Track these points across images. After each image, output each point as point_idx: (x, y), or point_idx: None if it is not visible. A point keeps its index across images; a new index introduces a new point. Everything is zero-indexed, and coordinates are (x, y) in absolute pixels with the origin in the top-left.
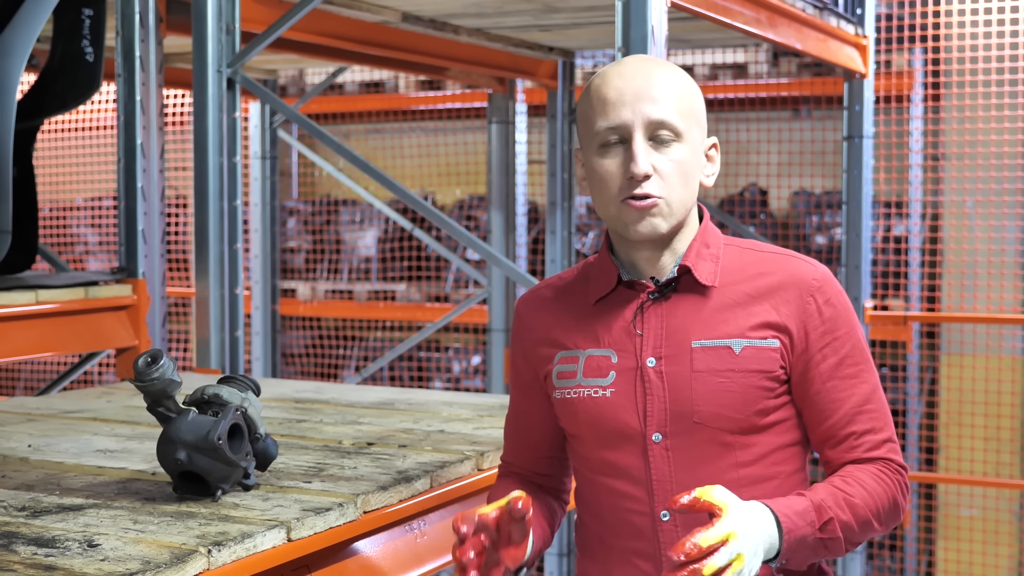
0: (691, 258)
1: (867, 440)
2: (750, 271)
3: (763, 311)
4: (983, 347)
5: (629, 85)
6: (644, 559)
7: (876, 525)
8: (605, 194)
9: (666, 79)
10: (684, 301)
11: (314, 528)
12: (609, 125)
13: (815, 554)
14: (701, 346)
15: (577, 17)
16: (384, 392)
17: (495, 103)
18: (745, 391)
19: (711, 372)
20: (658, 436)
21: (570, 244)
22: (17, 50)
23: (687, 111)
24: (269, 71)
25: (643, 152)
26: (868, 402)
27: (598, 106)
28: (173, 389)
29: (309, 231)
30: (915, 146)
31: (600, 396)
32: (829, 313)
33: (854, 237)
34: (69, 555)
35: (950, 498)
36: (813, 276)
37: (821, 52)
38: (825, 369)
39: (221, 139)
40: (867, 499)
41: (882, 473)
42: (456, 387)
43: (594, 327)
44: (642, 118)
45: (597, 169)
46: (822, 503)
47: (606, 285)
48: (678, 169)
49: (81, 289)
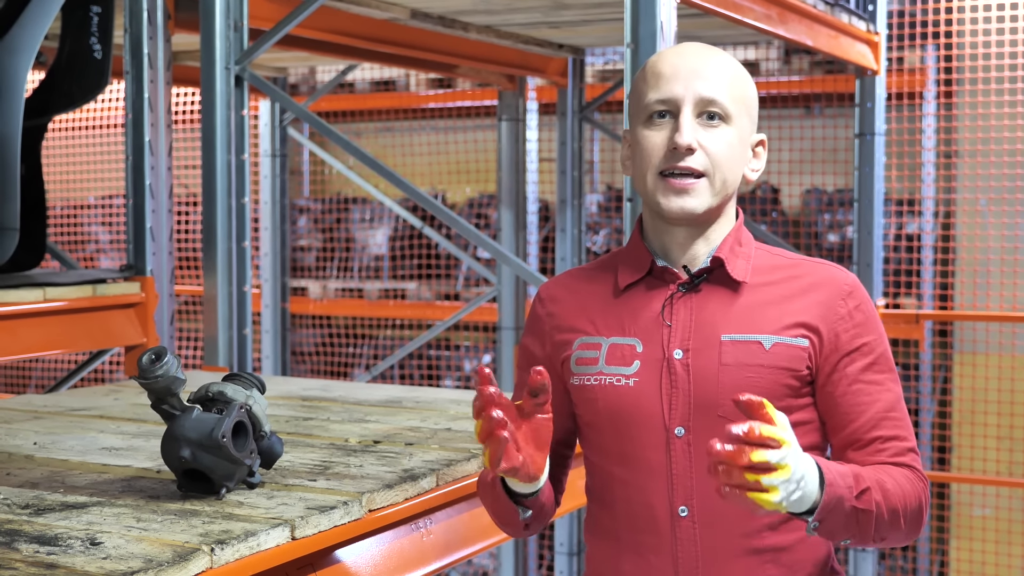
0: (725, 251)
1: (892, 446)
2: (781, 273)
3: (795, 311)
4: (996, 346)
5: (684, 62)
6: (657, 553)
7: (902, 523)
8: (645, 166)
9: (722, 62)
10: (715, 294)
11: (318, 527)
12: (660, 97)
13: (847, 527)
14: (731, 340)
15: (587, 14)
16: (392, 390)
17: (505, 101)
18: (772, 388)
19: (739, 366)
20: (680, 430)
21: (580, 242)
22: (24, 47)
23: (739, 97)
24: (279, 69)
25: (690, 125)
26: (893, 409)
27: (651, 79)
28: (177, 386)
29: (320, 229)
30: (928, 143)
31: (623, 385)
32: (860, 318)
33: (866, 235)
34: (71, 553)
35: (963, 498)
36: (845, 281)
37: (832, 49)
38: (852, 372)
39: (229, 136)
40: (898, 491)
41: (910, 476)
42: (466, 386)
43: (619, 315)
44: (693, 94)
45: (642, 141)
46: (860, 474)
47: (638, 270)
48: (724, 149)
49: (89, 287)
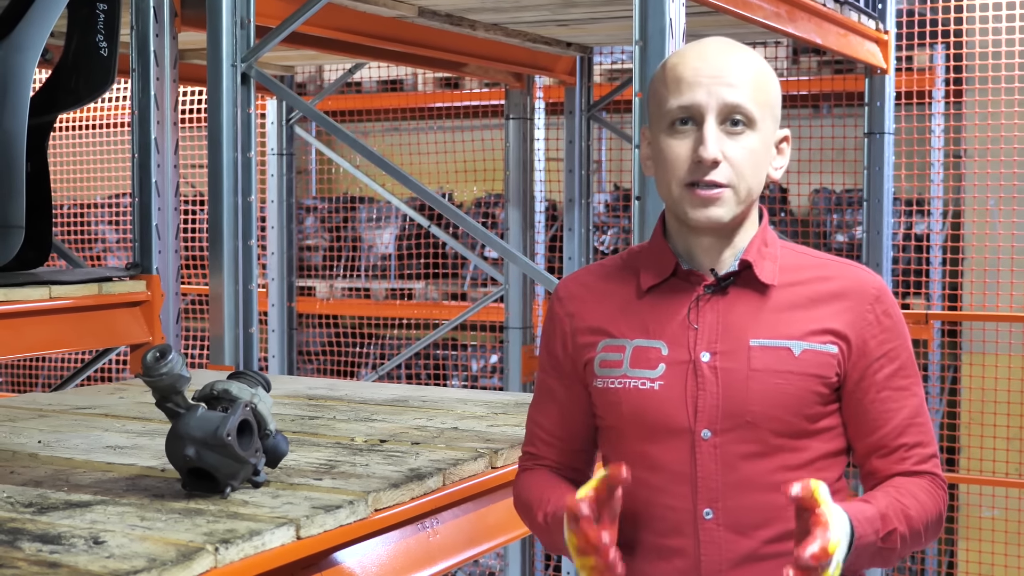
0: (752, 254)
1: (917, 453)
2: (809, 274)
3: (824, 316)
4: (1005, 346)
5: (706, 66)
6: (679, 556)
7: (923, 539)
8: (670, 176)
9: (745, 64)
10: (742, 297)
11: (324, 526)
12: (682, 104)
13: (871, 562)
14: (760, 345)
15: (595, 12)
16: (398, 389)
17: (512, 99)
18: (800, 394)
19: (769, 372)
20: (707, 432)
21: (588, 242)
22: (30, 45)
23: (763, 99)
24: (286, 68)
25: (714, 137)
26: (918, 415)
27: (672, 84)
28: (182, 384)
29: (327, 229)
30: (936, 143)
31: (647, 388)
32: (888, 323)
33: (875, 235)
34: (74, 552)
35: (971, 499)
36: (873, 285)
37: (842, 47)
38: (880, 379)
39: (236, 134)
40: (920, 512)
41: (931, 487)
42: (473, 385)
43: (643, 317)
44: (717, 101)
45: (664, 150)
46: (887, 513)
47: (661, 272)
48: (748, 158)
49: (95, 285)
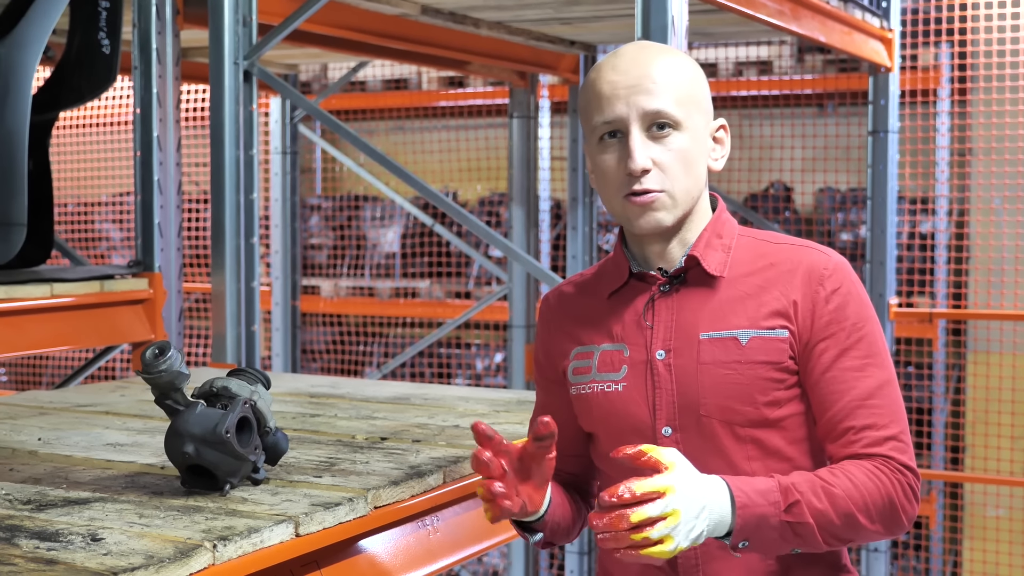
0: (700, 248)
1: (866, 436)
2: (761, 262)
3: (771, 300)
4: (1010, 345)
5: (622, 78)
6: None
7: (865, 522)
8: (608, 189)
9: (661, 67)
10: (694, 293)
11: (323, 523)
12: (605, 120)
13: (784, 540)
14: (708, 338)
15: (598, 10)
16: (400, 387)
17: (516, 98)
18: (752, 383)
19: (717, 364)
20: (668, 430)
21: (592, 240)
22: (32, 42)
23: (685, 98)
24: (290, 66)
25: (640, 146)
26: (872, 397)
27: (594, 101)
28: (181, 381)
29: (331, 228)
30: (942, 142)
31: (612, 391)
32: (837, 302)
33: (879, 233)
34: (72, 549)
35: (976, 498)
36: (824, 265)
37: (846, 45)
38: (827, 359)
39: (238, 132)
40: (852, 492)
41: (878, 470)
42: (478, 384)
43: (608, 322)
44: (637, 111)
45: (599, 164)
46: (791, 485)
47: (618, 279)
48: (679, 159)
49: (97, 283)
